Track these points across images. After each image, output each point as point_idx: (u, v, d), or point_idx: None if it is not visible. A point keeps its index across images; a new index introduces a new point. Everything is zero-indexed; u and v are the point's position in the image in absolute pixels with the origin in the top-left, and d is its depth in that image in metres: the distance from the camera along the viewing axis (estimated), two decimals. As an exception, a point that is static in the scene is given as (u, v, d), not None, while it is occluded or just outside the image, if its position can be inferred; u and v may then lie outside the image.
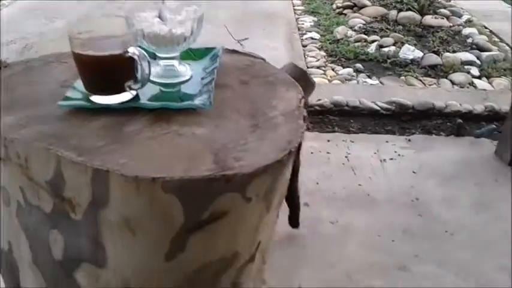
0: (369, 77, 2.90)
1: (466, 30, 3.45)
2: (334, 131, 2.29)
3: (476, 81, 2.86)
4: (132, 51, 0.82)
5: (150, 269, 0.87)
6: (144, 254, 0.85)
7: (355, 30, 3.44)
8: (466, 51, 3.14)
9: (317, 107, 2.46)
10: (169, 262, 0.85)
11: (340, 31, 3.41)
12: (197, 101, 0.89)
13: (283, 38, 3.43)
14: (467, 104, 2.44)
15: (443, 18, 3.54)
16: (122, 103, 0.88)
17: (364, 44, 3.25)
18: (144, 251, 0.85)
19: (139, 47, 0.94)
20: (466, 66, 2.97)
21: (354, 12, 3.73)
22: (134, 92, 0.90)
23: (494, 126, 2.22)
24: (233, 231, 0.87)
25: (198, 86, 0.94)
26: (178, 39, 0.90)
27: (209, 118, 0.88)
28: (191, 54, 1.05)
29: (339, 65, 3.04)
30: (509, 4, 4.18)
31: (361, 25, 3.48)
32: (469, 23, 3.64)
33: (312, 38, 3.42)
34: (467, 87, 2.80)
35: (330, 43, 3.29)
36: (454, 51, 3.11)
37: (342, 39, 3.33)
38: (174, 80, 0.96)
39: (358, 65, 3.01)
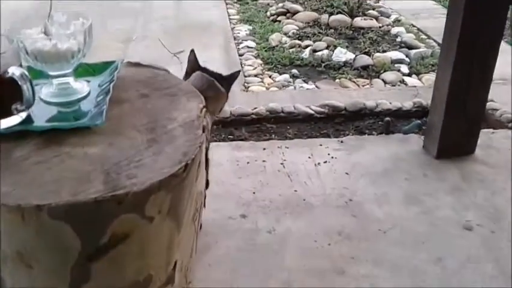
0: (305, 81, 2.92)
1: (395, 30, 3.55)
2: (271, 139, 2.27)
3: (406, 78, 2.93)
4: (12, 71, 0.77)
5: (55, 304, 0.81)
6: None
7: (289, 36, 3.47)
8: (396, 50, 3.23)
9: (253, 116, 2.45)
10: (75, 294, 0.80)
11: (274, 38, 3.43)
12: (88, 119, 0.84)
13: (219, 49, 3.41)
14: (396, 101, 2.49)
15: (372, 19, 3.63)
16: (10, 127, 0.82)
17: (299, 49, 3.28)
18: (45, 285, 0.79)
19: (29, 67, 0.90)
20: (396, 65, 3.05)
21: (288, 18, 3.77)
22: (24, 115, 0.84)
23: (419, 121, 2.27)
24: (141, 254, 0.83)
25: (93, 104, 0.90)
26: (66, 55, 0.85)
27: (104, 136, 0.84)
28: (90, 70, 1.00)
29: (275, 72, 3.05)
30: (434, 1, 4.35)
31: (295, 31, 3.51)
32: (397, 22, 3.75)
33: (248, 47, 3.42)
34: (399, 85, 2.87)
35: (265, 51, 3.30)
36: (384, 51, 3.19)
37: (277, 46, 3.35)
38: (68, 98, 0.91)
39: (294, 71, 3.03)
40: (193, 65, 1.31)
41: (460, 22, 1.78)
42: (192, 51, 1.35)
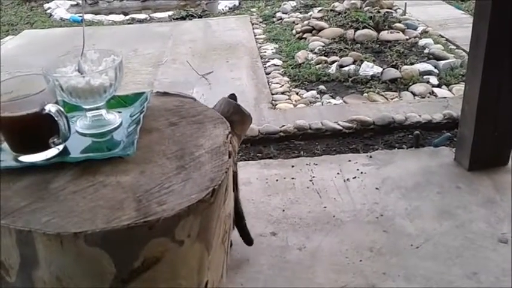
0: (333, 97, 2.93)
1: (422, 41, 3.52)
2: (299, 156, 2.29)
3: (436, 90, 2.91)
4: (48, 108, 0.83)
5: (92, 325, 0.85)
6: (83, 311, 0.83)
7: (315, 53, 3.49)
8: (424, 61, 3.21)
9: (281, 133, 2.48)
10: (110, 315, 0.84)
11: (300, 55, 3.46)
12: (120, 150, 0.89)
13: (246, 68, 3.47)
14: (426, 114, 2.47)
15: (399, 32, 3.62)
16: (48, 159, 0.88)
17: (325, 65, 3.30)
18: (82, 308, 0.83)
19: (64, 101, 0.96)
20: (425, 77, 3.03)
21: (313, 35, 3.80)
22: (60, 147, 0.90)
23: (449, 134, 2.25)
24: (172, 276, 0.86)
25: (124, 134, 0.95)
26: (99, 90, 0.91)
27: (136, 164, 0.88)
28: (122, 102, 1.06)
29: (302, 89, 3.07)
30: (462, 10, 4.30)
31: (321, 47, 3.54)
32: (424, 33, 3.72)
33: (275, 65, 3.46)
34: (428, 97, 2.84)
35: (292, 68, 3.34)
36: (411, 63, 3.17)
37: (303, 63, 3.37)
38: (102, 129, 0.96)
39: (321, 87, 3.04)
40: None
41: (487, 31, 1.77)
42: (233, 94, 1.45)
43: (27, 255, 0.79)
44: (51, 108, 0.83)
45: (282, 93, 3.03)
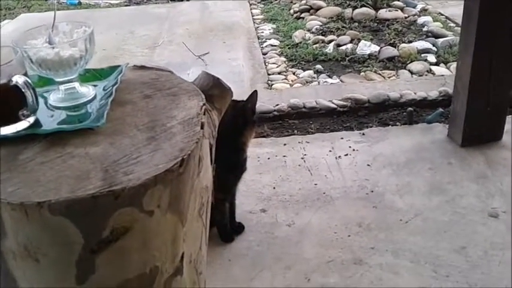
0: (330, 76, 2.91)
1: (421, 19, 3.48)
2: (292, 134, 2.28)
3: (434, 68, 2.88)
4: (15, 79, 0.82)
5: (65, 295, 0.86)
6: (54, 280, 0.83)
7: (312, 33, 3.46)
8: (422, 39, 3.17)
9: (275, 113, 2.46)
10: (82, 285, 0.83)
11: (298, 35, 3.43)
12: (90, 121, 0.88)
13: (243, 49, 3.45)
14: (422, 91, 2.44)
15: (397, 10, 3.57)
16: (17, 132, 0.88)
17: (322, 44, 3.27)
18: (52, 277, 0.83)
19: (39, 75, 0.95)
20: (423, 55, 2.99)
21: (311, 14, 3.76)
22: (31, 120, 0.89)
23: (441, 110, 2.23)
24: (144, 246, 0.86)
25: (96, 106, 0.94)
26: (69, 61, 0.89)
27: (106, 136, 0.87)
28: (97, 75, 1.05)
29: (299, 69, 3.05)
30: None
31: (318, 26, 3.50)
32: (424, 11, 3.67)
33: (272, 45, 3.44)
34: (426, 75, 2.81)
35: (289, 48, 3.31)
36: (409, 41, 3.13)
37: (300, 42, 3.35)
38: (75, 102, 0.95)
39: (318, 66, 3.02)
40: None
41: (478, 5, 1.74)
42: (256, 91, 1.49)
43: (-5, 226, 0.79)
44: (18, 79, 0.82)
45: (279, 73, 3.02)
